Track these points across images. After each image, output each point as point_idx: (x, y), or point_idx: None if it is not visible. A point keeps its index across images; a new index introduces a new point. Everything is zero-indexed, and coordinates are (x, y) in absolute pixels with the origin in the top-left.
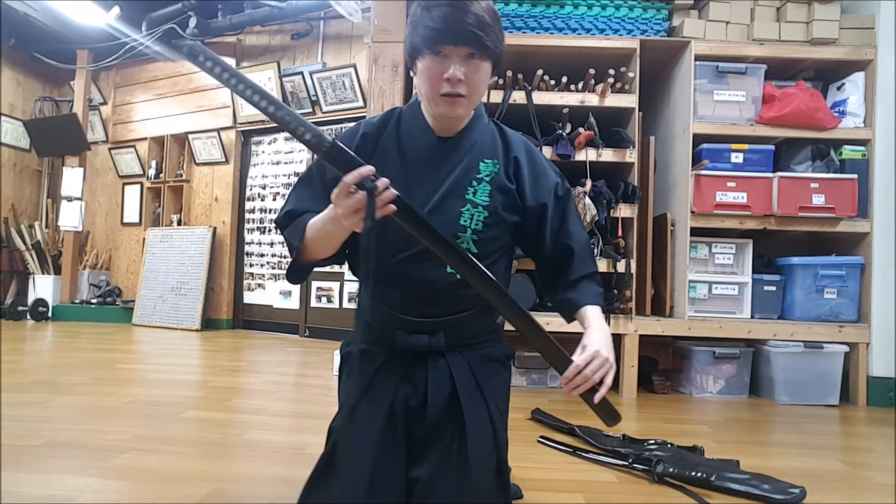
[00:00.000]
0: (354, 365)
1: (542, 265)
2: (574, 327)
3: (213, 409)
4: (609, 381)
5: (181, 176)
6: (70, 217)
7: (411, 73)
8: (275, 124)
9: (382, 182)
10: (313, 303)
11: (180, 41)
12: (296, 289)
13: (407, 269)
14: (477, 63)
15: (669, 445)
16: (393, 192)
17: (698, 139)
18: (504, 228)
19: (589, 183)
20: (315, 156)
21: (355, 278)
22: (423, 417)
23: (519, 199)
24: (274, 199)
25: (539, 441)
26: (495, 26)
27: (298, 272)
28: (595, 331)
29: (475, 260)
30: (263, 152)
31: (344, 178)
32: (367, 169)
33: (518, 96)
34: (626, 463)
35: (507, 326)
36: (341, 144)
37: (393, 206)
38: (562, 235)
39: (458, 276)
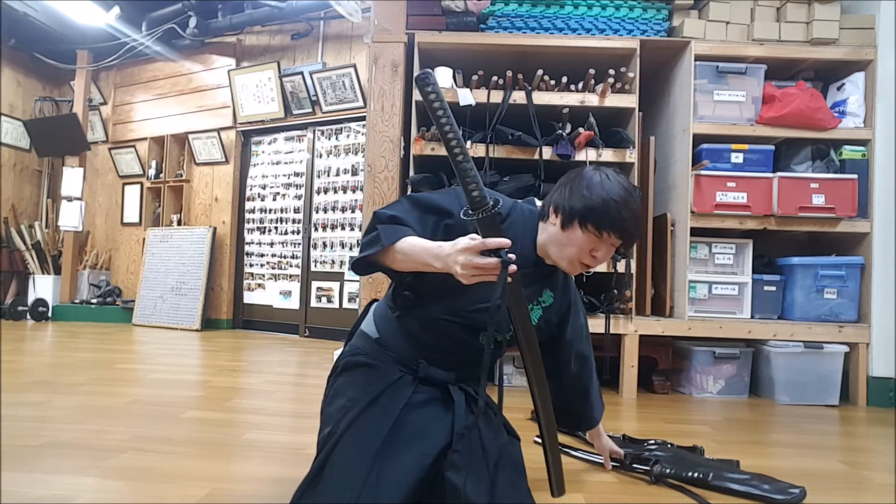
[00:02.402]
0: (358, 373)
1: (559, 376)
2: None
3: (213, 409)
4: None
5: (181, 176)
6: (70, 217)
7: (553, 216)
8: (274, 125)
9: (512, 257)
10: (313, 303)
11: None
12: (296, 289)
13: (449, 328)
14: (613, 250)
15: (669, 445)
16: (514, 267)
17: (698, 139)
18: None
19: None
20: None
21: (394, 305)
22: (444, 424)
23: (557, 330)
24: (274, 199)
25: (535, 442)
26: (640, 226)
27: (366, 266)
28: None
29: (541, 359)
30: (263, 152)
31: (487, 240)
32: (507, 242)
33: (518, 96)
34: (624, 464)
35: None
36: (497, 214)
37: (509, 279)
38: (588, 367)
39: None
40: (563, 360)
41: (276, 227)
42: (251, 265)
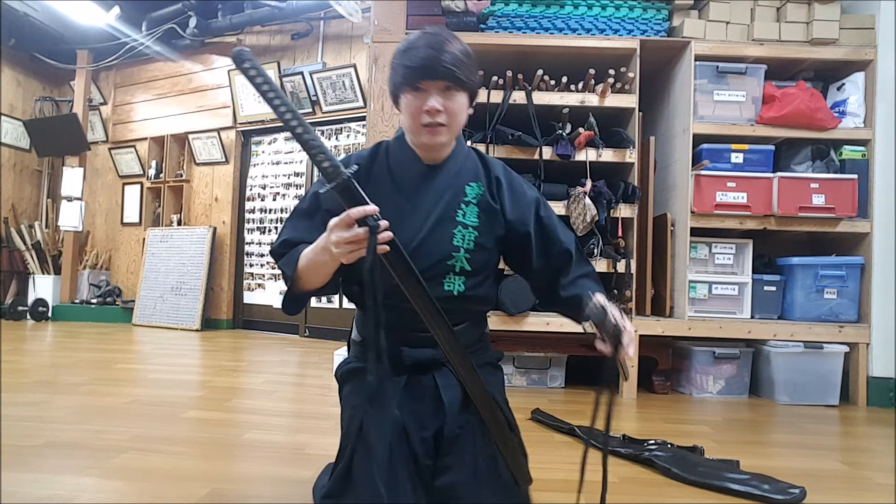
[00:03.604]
0: (353, 382)
1: (537, 275)
2: (568, 327)
3: (213, 409)
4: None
5: (181, 176)
6: (70, 217)
7: (396, 111)
8: (274, 125)
9: (383, 223)
10: (313, 303)
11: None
12: None
13: (403, 291)
14: (453, 94)
15: (669, 445)
16: (389, 234)
17: (698, 139)
18: (493, 246)
19: (589, 183)
20: (315, 183)
21: (353, 305)
22: (436, 423)
23: (502, 216)
24: (274, 199)
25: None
26: (468, 62)
27: (293, 302)
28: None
29: (440, 310)
30: (263, 152)
31: (349, 211)
32: (372, 208)
33: (518, 96)
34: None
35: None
36: (354, 181)
37: (387, 247)
38: (556, 245)
39: (455, 293)
40: (549, 245)
41: (276, 227)
42: (251, 265)
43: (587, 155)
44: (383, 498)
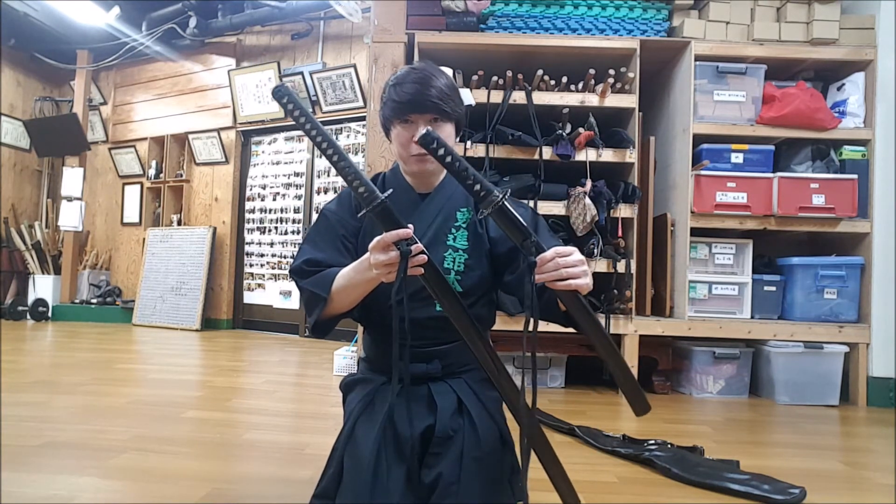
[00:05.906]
0: (355, 391)
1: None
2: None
3: (213, 409)
4: (582, 282)
5: (181, 176)
6: (70, 217)
7: (389, 141)
8: (274, 125)
9: (417, 247)
10: None
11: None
12: (296, 289)
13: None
14: (440, 125)
15: (669, 446)
16: (424, 256)
17: (698, 139)
18: (484, 268)
19: (589, 183)
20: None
21: (361, 322)
22: (428, 429)
23: (486, 235)
24: (274, 199)
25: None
26: (453, 96)
27: (323, 326)
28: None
29: (475, 322)
30: (263, 152)
31: (384, 235)
32: (406, 232)
33: (518, 96)
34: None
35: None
36: (390, 205)
37: (422, 269)
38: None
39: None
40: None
41: (276, 227)
42: (251, 265)
43: (587, 155)
44: (370, 498)
